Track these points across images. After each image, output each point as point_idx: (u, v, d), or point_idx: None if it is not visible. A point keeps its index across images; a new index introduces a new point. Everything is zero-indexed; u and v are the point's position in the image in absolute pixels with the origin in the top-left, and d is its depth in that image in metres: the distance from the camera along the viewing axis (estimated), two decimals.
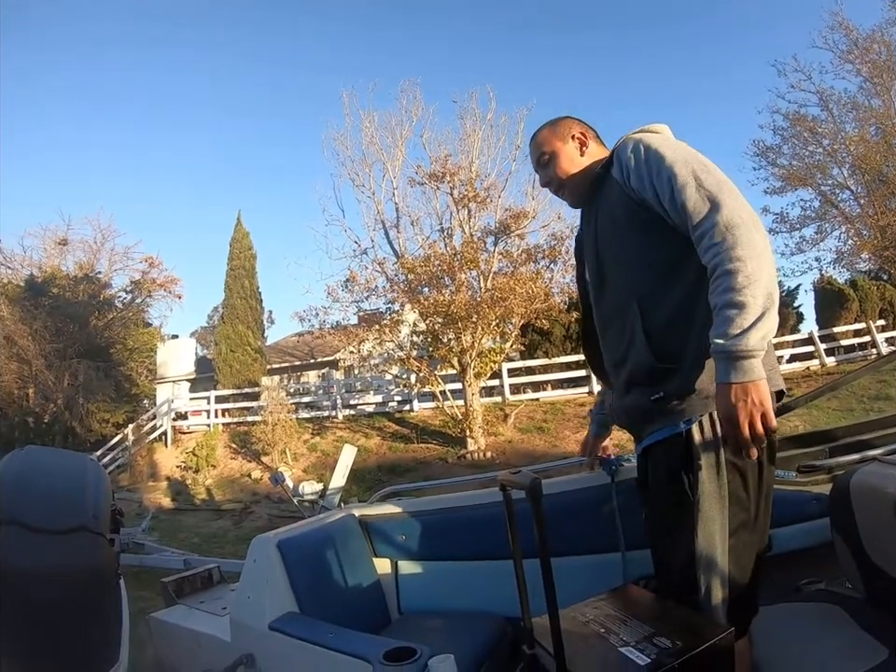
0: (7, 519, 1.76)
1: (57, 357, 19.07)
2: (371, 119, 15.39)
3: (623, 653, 1.02)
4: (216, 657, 1.93)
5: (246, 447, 15.19)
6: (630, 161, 1.39)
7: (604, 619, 1.17)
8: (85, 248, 23.87)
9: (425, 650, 1.43)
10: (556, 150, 1.59)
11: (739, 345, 1.15)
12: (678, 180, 1.29)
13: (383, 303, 14.60)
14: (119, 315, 22.75)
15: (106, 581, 1.88)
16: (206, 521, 11.25)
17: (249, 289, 19.72)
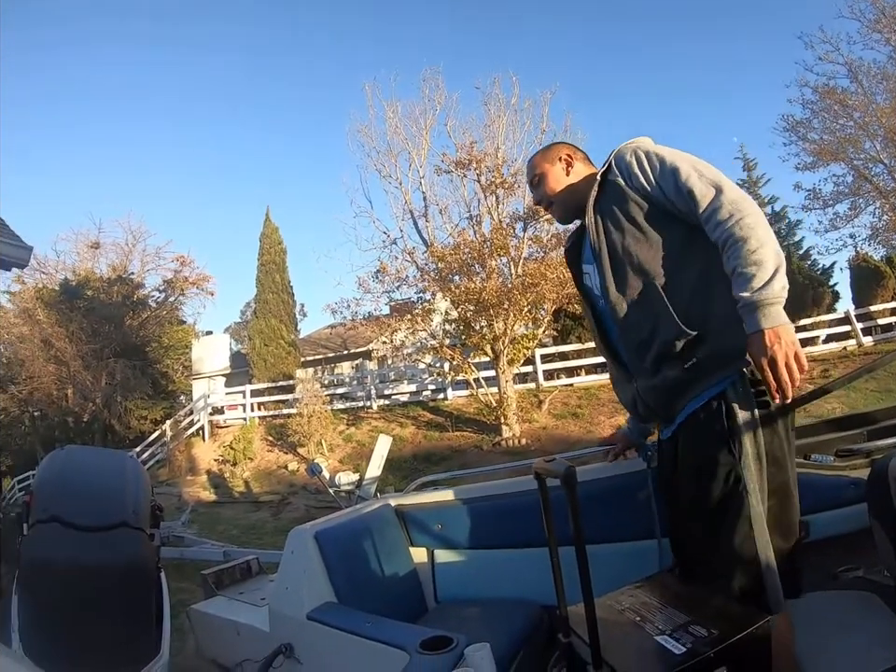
0: (48, 517, 1.83)
1: (94, 357, 19.58)
2: (394, 109, 15.33)
3: (659, 642, 1.01)
4: (255, 647, 1.97)
5: (283, 439, 15.42)
6: (632, 166, 1.54)
7: (639, 607, 1.16)
8: (117, 250, 24.50)
9: (461, 638, 1.43)
10: (545, 171, 1.77)
11: (765, 293, 1.28)
12: (681, 173, 1.45)
13: (414, 293, 14.64)
14: (153, 313, 23.23)
15: (147, 575, 1.94)
16: (245, 513, 11.46)
17: (281, 284, 19.94)
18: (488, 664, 1.25)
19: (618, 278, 1.55)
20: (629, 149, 1.58)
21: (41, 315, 19.81)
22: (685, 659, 0.95)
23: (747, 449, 1.33)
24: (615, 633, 1.09)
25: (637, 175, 1.52)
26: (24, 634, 1.77)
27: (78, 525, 1.84)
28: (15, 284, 21.75)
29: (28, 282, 22.21)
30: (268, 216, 20.64)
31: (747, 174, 25.21)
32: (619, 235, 1.54)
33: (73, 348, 19.26)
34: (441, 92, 15.26)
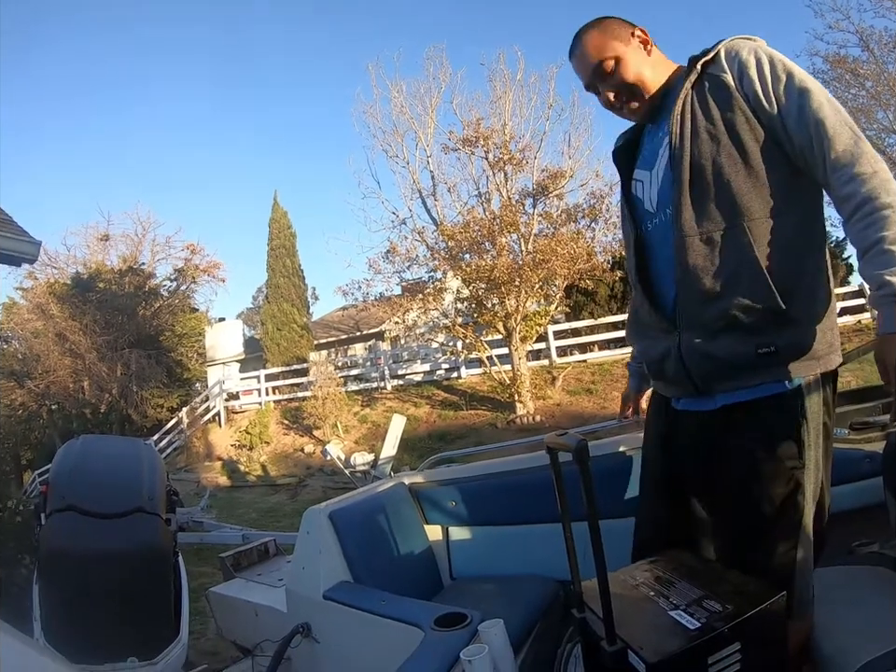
0: (64, 506, 1.86)
1: (108, 348, 19.67)
2: (398, 88, 15.17)
3: (673, 617, 1.00)
4: (273, 627, 1.99)
5: (298, 422, 15.56)
6: (748, 66, 1.19)
7: (654, 581, 1.15)
8: (127, 242, 24.35)
9: (475, 615, 1.44)
10: (620, 53, 1.33)
11: None
12: (812, 97, 1.13)
13: (425, 272, 14.60)
14: (165, 303, 23.21)
15: (165, 559, 1.96)
16: (263, 496, 11.60)
17: (291, 268, 19.97)
18: (502, 640, 1.26)
19: (697, 204, 1.22)
20: (747, 46, 1.22)
21: (54, 310, 19.88)
22: (699, 634, 0.94)
23: (811, 455, 1.17)
24: (629, 608, 1.08)
25: (753, 80, 1.18)
26: (46, 622, 1.82)
27: (94, 513, 1.87)
28: (27, 280, 21.93)
29: (40, 277, 22.30)
30: (276, 200, 20.64)
31: None
32: (712, 147, 1.21)
33: (87, 340, 19.38)
34: (445, 70, 15.08)
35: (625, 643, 0.98)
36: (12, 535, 3.57)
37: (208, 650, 3.02)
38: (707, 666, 0.94)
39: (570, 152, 13.99)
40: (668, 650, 0.93)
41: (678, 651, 0.92)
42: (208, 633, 3.09)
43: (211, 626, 2.66)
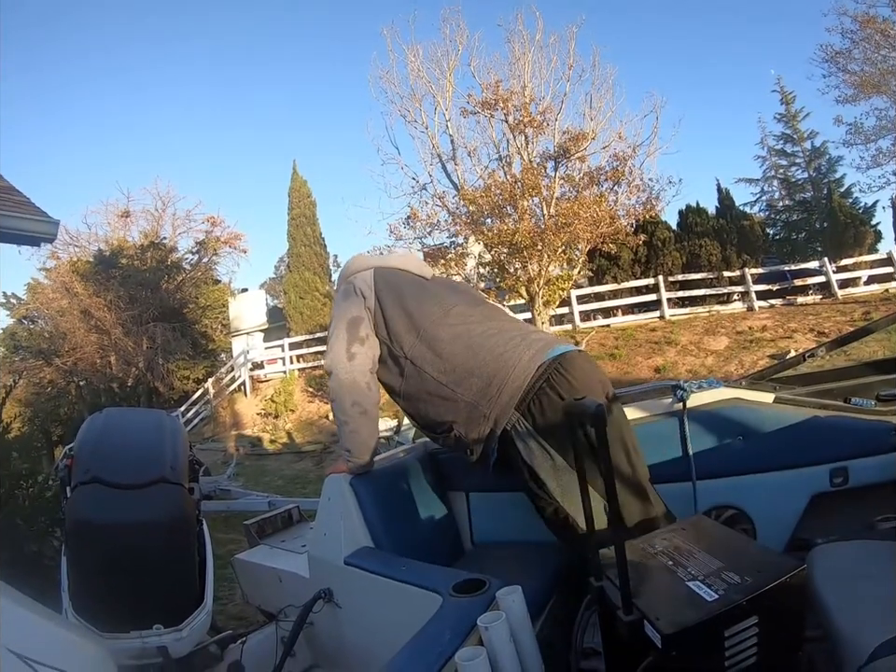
0: (89, 479, 1.88)
1: (133, 323, 20.08)
2: (415, 52, 14.87)
3: (691, 588, 0.98)
4: (296, 593, 2.01)
5: (322, 389, 15.64)
6: None
7: (672, 551, 1.13)
8: (147, 217, 24.64)
9: (494, 581, 1.44)
10: None
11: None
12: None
13: (446, 237, 14.51)
14: (188, 276, 23.51)
15: (189, 527, 1.99)
16: (288, 463, 11.81)
17: (312, 236, 19.97)
18: (520, 606, 1.25)
19: None
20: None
21: (78, 288, 20.24)
22: (717, 606, 0.92)
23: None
24: (647, 577, 1.07)
25: None
26: (73, 592, 1.86)
27: (118, 484, 1.90)
28: (50, 260, 22.36)
29: (62, 257, 22.73)
30: (295, 169, 20.58)
31: (784, 107, 23.78)
32: None
33: (112, 316, 19.76)
34: (462, 32, 14.75)
35: (642, 613, 0.97)
36: (43, 509, 3.68)
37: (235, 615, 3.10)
38: (723, 639, 0.92)
39: (592, 114, 13.66)
40: (685, 621, 0.91)
41: (694, 622, 0.91)
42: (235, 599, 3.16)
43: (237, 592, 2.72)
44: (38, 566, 3.30)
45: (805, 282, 14.36)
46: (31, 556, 3.37)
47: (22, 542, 3.39)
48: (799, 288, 14.49)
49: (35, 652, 0.78)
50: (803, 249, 20.14)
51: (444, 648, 1.18)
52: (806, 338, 11.52)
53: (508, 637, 1.15)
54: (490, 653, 1.11)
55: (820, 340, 10.68)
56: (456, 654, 1.10)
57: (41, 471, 4.28)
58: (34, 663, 0.76)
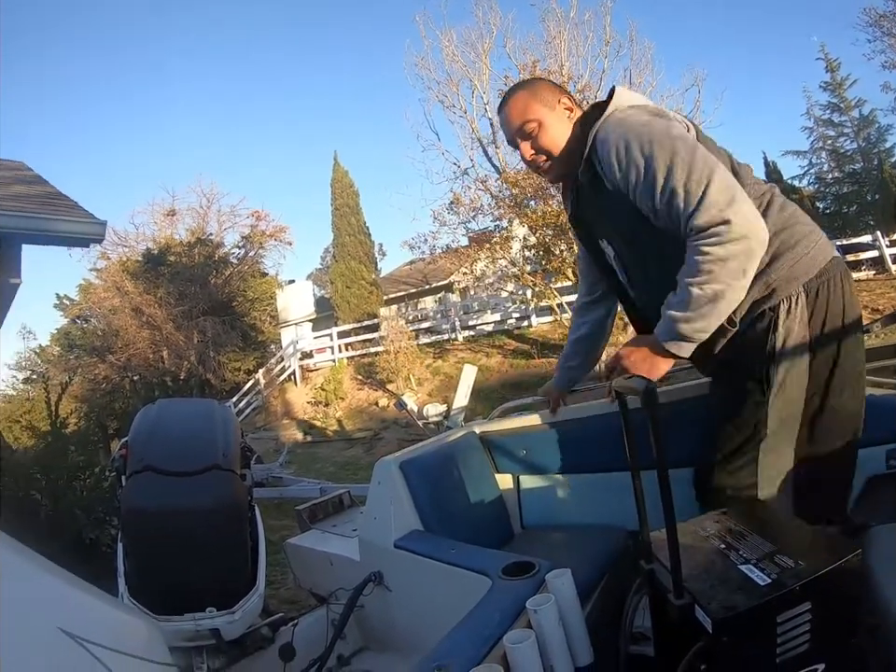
0: (143, 467, 1.94)
1: (184, 318, 20.70)
2: (449, 37, 14.88)
3: (743, 571, 0.95)
4: (347, 576, 2.04)
5: (372, 377, 15.84)
6: (607, 161, 1.33)
7: (725, 533, 1.10)
8: (193, 214, 25.34)
9: (543, 564, 1.43)
10: (544, 118, 1.47)
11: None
12: (659, 172, 1.23)
13: (490, 221, 14.48)
14: (235, 270, 24.07)
15: (241, 512, 2.03)
16: (339, 450, 11.97)
17: (356, 226, 20.09)
18: (569, 589, 1.24)
19: (635, 246, 1.43)
20: (605, 138, 1.33)
21: (129, 286, 20.94)
22: (769, 591, 0.89)
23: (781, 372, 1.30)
24: (698, 560, 1.04)
25: (614, 177, 1.32)
26: (129, 577, 1.92)
27: (171, 472, 1.96)
28: (100, 261, 23.28)
29: (112, 257, 23.58)
30: (336, 160, 20.62)
31: (830, 75, 22.51)
32: (618, 216, 1.40)
33: (163, 312, 20.40)
34: (495, 14, 14.68)
35: (693, 597, 0.95)
36: (100, 499, 3.84)
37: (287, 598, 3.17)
38: (775, 625, 0.89)
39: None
40: (736, 606, 0.89)
41: (746, 607, 0.88)
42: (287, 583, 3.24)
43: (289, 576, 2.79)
44: (96, 553, 3.47)
45: (858, 257, 13.66)
46: (89, 544, 3.54)
47: (81, 531, 3.56)
48: (851, 264, 13.74)
49: (87, 632, 0.81)
50: (854, 223, 19.16)
51: (493, 630, 1.18)
52: None
53: (556, 619, 1.15)
54: (538, 636, 1.10)
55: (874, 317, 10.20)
56: (505, 637, 1.10)
57: (98, 463, 4.45)
58: (85, 642, 0.79)
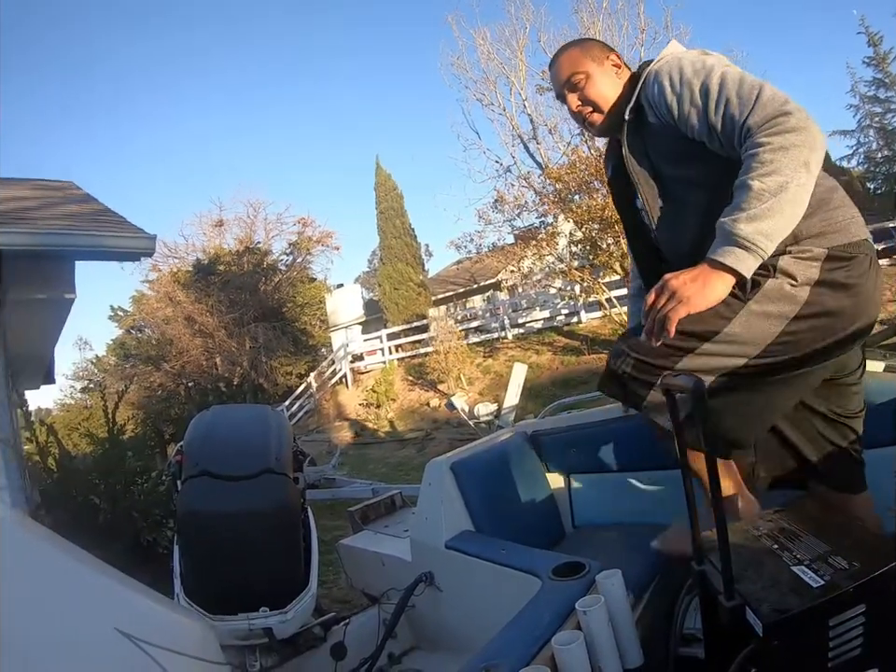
0: (198, 472, 2.01)
1: (236, 325, 21.22)
2: (483, 35, 14.85)
3: (796, 572, 0.92)
4: (399, 576, 2.07)
5: (422, 378, 15.95)
6: (661, 98, 1.32)
7: (777, 533, 1.07)
8: (240, 224, 25.84)
9: (593, 564, 1.43)
10: (592, 71, 1.49)
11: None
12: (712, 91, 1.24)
13: (535, 218, 14.41)
14: (284, 276, 24.59)
15: (294, 514, 2.08)
16: (391, 451, 12.07)
17: (402, 228, 20.21)
18: (619, 590, 1.24)
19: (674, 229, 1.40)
20: (658, 75, 1.34)
21: (181, 296, 21.59)
22: (822, 593, 0.86)
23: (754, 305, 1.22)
24: (750, 561, 1.02)
25: (668, 108, 1.31)
26: (185, 579, 2.00)
27: (226, 476, 2.01)
28: (151, 272, 24.09)
29: (163, 268, 24.37)
30: (378, 164, 20.77)
31: (872, 49, 21.31)
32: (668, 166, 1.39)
33: (215, 320, 20.95)
34: (527, 9, 14.57)
35: (743, 598, 0.93)
36: (157, 502, 3.98)
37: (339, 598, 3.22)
38: (827, 629, 0.86)
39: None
40: (787, 608, 0.86)
41: (797, 610, 0.85)
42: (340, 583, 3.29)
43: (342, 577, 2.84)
44: (154, 554, 3.61)
45: None
46: (146, 546, 3.68)
47: (139, 533, 3.71)
48: None
49: (141, 632, 0.84)
50: None
51: (542, 631, 1.18)
52: None
53: (606, 621, 1.15)
54: (587, 637, 1.10)
55: None
56: (553, 638, 1.10)
57: (154, 468, 4.64)
58: (140, 642, 0.82)
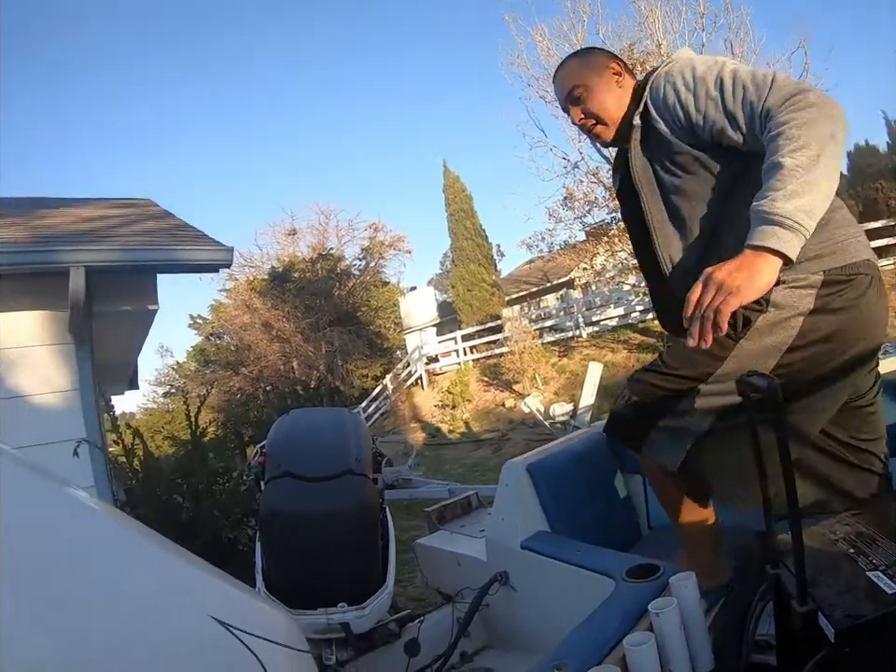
0: (281, 473, 2.12)
1: (312, 330, 21.86)
2: (541, 32, 14.62)
3: (871, 578, 0.90)
4: (474, 576, 2.10)
5: (497, 378, 15.90)
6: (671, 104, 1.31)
7: (854, 538, 1.04)
8: (313, 231, 26.53)
9: (668, 566, 1.42)
10: (591, 83, 1.48)
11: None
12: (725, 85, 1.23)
13: (606, 213, 14.08)
14: (357, 281, 25.10)
15: (373, 514, 2.14)
16: (467, 452, 12.11)
17: (472, 229, 20.23)
18: (692, 593, 1.23)
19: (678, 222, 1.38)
20: (664, 83, 1.32)
21: (257, 303, 22.47)
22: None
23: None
24: (825, 565, 1.00)
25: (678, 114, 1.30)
26: (266, 573, 2.10)
27: (308, 477, 2.10)
28: (228, 282, 25.15)
29: (239, 278, 25.36)
30: (445, 167, 20.87)
31: None
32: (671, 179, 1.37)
33: (291, 326, 21.66)
34: (584, 2, 14.24)
35: (816, 604, 0.92)
36: (237, 502, 4.14)
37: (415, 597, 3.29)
38: None
39: (737, 59, 12.55)
40: (861, 615, 0.84)
41: (871, 616, 0.83)
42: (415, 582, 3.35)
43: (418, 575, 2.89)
44: (234, 551, 3.77)
45: None
46: (226, 543, 3.84)
47: (219, 531, 3.86)
48: None
49: (233, 620, 0.89)
50: None
51: (614, 632, 1.20)
52: None
53: (678, 623, 1.15)
54: (658, 639, 1.11)
55: None
56: (625, 639, 1.11)
57: (235, 468, 4.84)
58: (234, 629, 0.87)
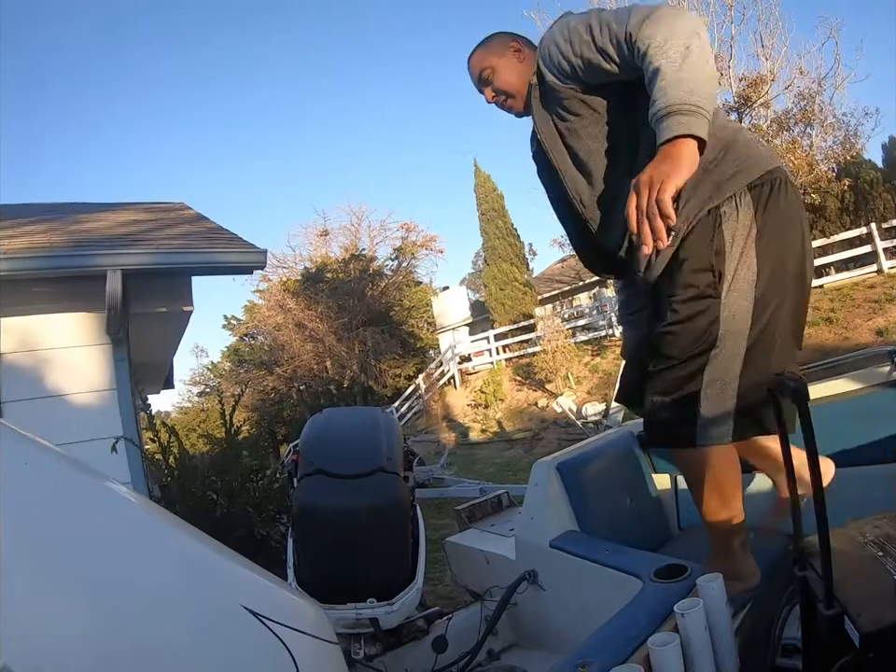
0: (313, 471, 2.16)
1: (345, 330, 22.05)
2: None
3: None
4: (502, 574, 2.11)
5: (530, 378, 15.85)
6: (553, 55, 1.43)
7: (884, 540, 1.03)
8: (345, 232, 26.91)
9: (696, 567, 1.41)
10: (494, 64, 1.63)
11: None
12: (598, 29, 1.33)
13: None
14: (390, 281, 25.23)
15: (404, 512, 2.18)
16: (499, 451, 12.09)
17: (504, 228, 20.19)
18: (720, 595, 1.22)
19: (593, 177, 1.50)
20: (548, 40, 1.46)
21: (290, 304, 22.74)
22: None
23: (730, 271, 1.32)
24: (853, 568, 0.98)
25: (564, 65, 1.41)
26: (297, 569, 2.14)
27: (340, 475, 2.13)
28: (262, 283, 25.50)
29: (272, 279, 25.72)
30: (476, 166, 20.89)
31: None
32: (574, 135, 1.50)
33: (324, 326, 21.89)
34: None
35: (843, 608, 0.90)
36: (271, 499, 4.21)
37: (444, 594, 3.31)
38: None
39: (766, 53, 12.39)
40: (888, 619, 0.83)
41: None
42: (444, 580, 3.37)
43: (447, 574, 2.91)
44: (266, 547, 3.83)
45: None
46: (260, 539, 3.90)
47: (252, 527, 3.92)
48: None
49: (265, 610, 0.91)
50: None
51: (639, 632, 1.20)
52: None
53: (703, 625, 1.14)
54: (683, 640, 1.10)
55: None
56: (650, 639, 1.11)
57: (268, 466, 4.91)
58: (265, 619, 0.89)
